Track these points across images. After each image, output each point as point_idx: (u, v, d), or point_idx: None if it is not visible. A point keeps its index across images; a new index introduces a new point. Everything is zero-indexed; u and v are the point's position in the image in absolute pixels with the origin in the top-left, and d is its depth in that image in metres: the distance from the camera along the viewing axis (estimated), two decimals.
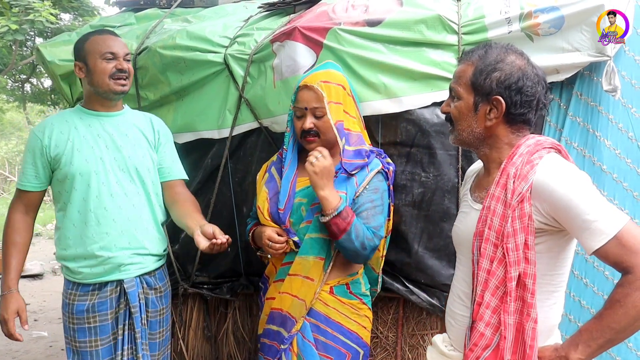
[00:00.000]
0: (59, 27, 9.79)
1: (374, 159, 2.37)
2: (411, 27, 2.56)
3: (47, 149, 2.41)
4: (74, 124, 2.46)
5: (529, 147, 1.62)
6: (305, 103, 2.29)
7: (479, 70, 1.66)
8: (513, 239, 1.56)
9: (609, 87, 2.30)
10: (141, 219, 2.48)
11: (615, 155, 2.40)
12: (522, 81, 1.63)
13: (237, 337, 3.18)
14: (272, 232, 2.31)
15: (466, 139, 1.74)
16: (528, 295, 1.55)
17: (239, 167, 2.95)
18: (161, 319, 2.56)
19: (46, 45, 3.26)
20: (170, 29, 3.16)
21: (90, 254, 2.40)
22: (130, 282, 2.43)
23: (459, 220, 1.86)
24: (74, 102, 3.27)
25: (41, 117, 18.59)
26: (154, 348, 2.54)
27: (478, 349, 1.62)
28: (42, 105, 14.99)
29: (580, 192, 1.50)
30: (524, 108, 1.65)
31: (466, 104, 1.70)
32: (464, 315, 1.76)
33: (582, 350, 1.50)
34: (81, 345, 2.43)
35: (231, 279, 3.09)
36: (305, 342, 2.28)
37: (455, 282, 1.86)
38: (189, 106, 3.01)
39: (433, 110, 2.56)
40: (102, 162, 2.42)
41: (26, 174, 2.45)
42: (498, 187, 1.62)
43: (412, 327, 2.80)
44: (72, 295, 2.44)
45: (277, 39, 2.72)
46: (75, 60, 2.46)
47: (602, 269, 2.43)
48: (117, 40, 2.46)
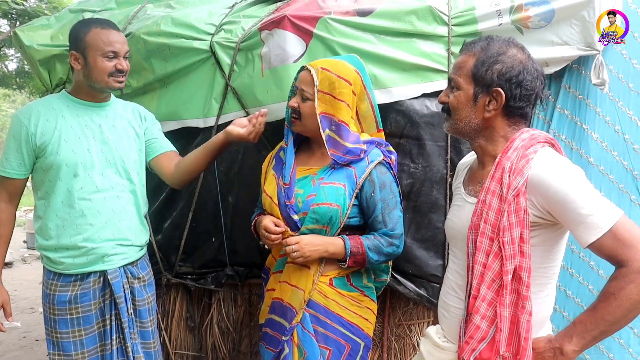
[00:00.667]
0: (25, 9, 9.54)
1: (372, 149, 2.32)
2: (402, 18, 2.56)
3: (32, 136, 2.34)
4: (61, 112, 2.40)
5: (524, 142, 1.63)
6: (298, 82, 2.28)
7: (481, 62, 1.66)
8: (509, 233, 1.58)
9: (597, 81, 2.33)
10: (125, 210, 2.45)
11: (602, 148, 2.44)
12: (522, 75, 1.64)
13: (222, 327, 3.16)
14: (269, 222, 2.28)
15: (462, 129, 1.74)
16: (523, 288, 1.57)
17: (225, 156, 2.91)
18: (149, 307, 2.55)
19: (24, 29, 3.17)
20: (153, 14, 3.10)
21: (73, 245, 2.36)
22: (114, 272, 2.41)
23: (452, 213, 1.87)
24: (52, 87, 3.19)
25: (6, 101, 18.13)
26: (147, 336, 2.52)
27: (474, 342, 1.63)
28: (7, 89, 14.62)
29: (575, 187, 1.51)
30: (522, 102, 1.66)
31: (466, 94, 1.70)
32: (458, 307, 1.78)
33: (577, 341, 1.52)
34: (63, 337, 2.40)
35: (215, 269, 3.06)
36: (305, 333, 2.27)
37: (448, 274, 1.87)
38: (173, 94, 2.96)
39: (423, 101, 2.57)
40: (89, 153, 2.38)
41: (9, 160, 2.39)
42: (493, 181, 1.63)
43: (398, 317, 2.82)
44: (52, 285, 2.40)
45: (266, 27, 2.69)
46: (72, 50, 2.38)
47: (587, 259, 2.47)
48: (120, 36, 2.39)
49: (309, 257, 2.21)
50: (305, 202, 2.25)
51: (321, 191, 2.24)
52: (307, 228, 2.26)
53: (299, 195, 2.28)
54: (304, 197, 2.27)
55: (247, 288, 3.10)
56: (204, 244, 3.06)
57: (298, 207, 2.27)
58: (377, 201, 2.26)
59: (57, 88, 3.18)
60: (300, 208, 2.26)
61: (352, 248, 2.22)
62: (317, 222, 2.24)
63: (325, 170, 2.29)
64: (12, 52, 12.04)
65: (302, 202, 2.26)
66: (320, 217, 2.23)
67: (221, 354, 3.17)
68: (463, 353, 1.65)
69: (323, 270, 2.29)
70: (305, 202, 2.25)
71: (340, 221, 2.24)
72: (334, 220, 2.23)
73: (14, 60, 12.60)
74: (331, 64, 2.28)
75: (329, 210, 2.21)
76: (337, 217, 2.23)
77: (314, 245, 2.21)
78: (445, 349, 1.82)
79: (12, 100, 18.27)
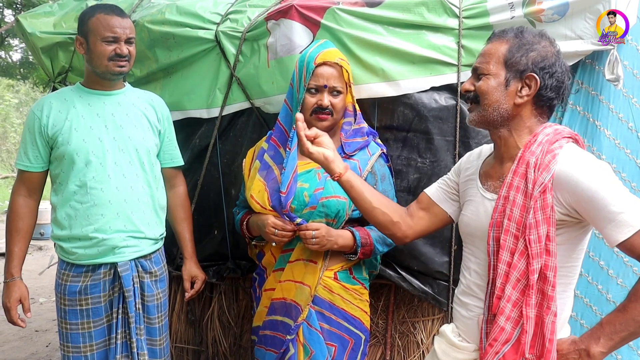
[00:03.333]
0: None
1: (371, 141, 2.36)
2: (411, 9, 2.50)
3: (45, 128, 2.34)
4: (72, 102, 2.39)
5: (548, 136, 1.61)
6: (325, 80, 2.24)
7: (516, 47, 1.65)
8: (535, 231, 1.54)
9: (611, 77, 2.27)
10: (139, 201, 2.42)
11: (615, 146, 2.38)
12: (555, 66, 1.64)
13: (223, 321, 3.12)
14: (277, 219, 2.24)
15: (490, 116, 1.68)
16: (549, 288, 1.54)
17: (228, 148, 2.88)
18: (159, 304, 2.51)
19: (26, 17, 3.13)
20: (158, 3, 3.05)
21: (84, 235, 2.35)
22: (124, 265, 2.38)
23: (468, 210, 1.81)
24: (55, 76, 3.15)
25: (10, 91, 18.11)
26: (154, 333, 2.49)
27: (498, 344, 1.60)
28: (11, 79, 14.60)
29: (605, 184, 1.49)
30: (553, 92, 1.65)
31: (496, 79, 1.67)
32: (477, 306, 1.74)
33: (604, 343, 1.49)
34: (72, 328, 2.39)
35: (217, 263, 3.03)
36: (312, 331, 2.24)
37: (465, 273, 1.82)
38: (177, 84, 2.92)
39: (431, 95, 2.51)
40: (100, 142, 2.35)
41: (27, 154, 2.39)
42: (516, 177, 1.60)
43: (402, 314, 2.77)
44: (65, 275, 2.39)
45: (272, 17, 2.63)
46: (78, 34, 2.38)
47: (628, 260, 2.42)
48: (122, 21, 2.36)
49: (324, 246, 2.19)
50: (313, 196, 2.22)
51: (328, 184, 2.21)
52: (314, 222, 2.22)
53: (305, 190, 2.24)
54: (310, 191, 2.23)
55: (248, 282, 3.05)
56: (205, 237, 3.01)
57: (305, 201, 2.23)
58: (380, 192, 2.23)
59: (59, 77, 3.14)
60: (308, 202, 2.23)
61: (362, 240, 2.22)
62: (326, 215, 2.22)
63: None
64: (17, 43, 12.02)
65: (310, 196, 2.23)
66: (329, 211, 2.21)
67: (222, 348, 3.13)
68: (487, 356, 1.61)
69: (328, 265, 2.27)
70: (312, 196, 2.22)
71: (346, 213, 2.22)
72: (342, 213, 2.22)
73: (18, 51, 12.59)
74: (339, 53, 2.31)
75: (338, 203, 2.20)
76: (344, 209, 2.22)
77: (330, 236, 2.20)
78: (461, 348, 1.79)
79: (15, 90, 18.24)
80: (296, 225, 2.22)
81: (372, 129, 2.47)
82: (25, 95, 17.24)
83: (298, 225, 2.21)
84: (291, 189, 2.22)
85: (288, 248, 2.33)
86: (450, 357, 1.81)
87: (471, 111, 1.74)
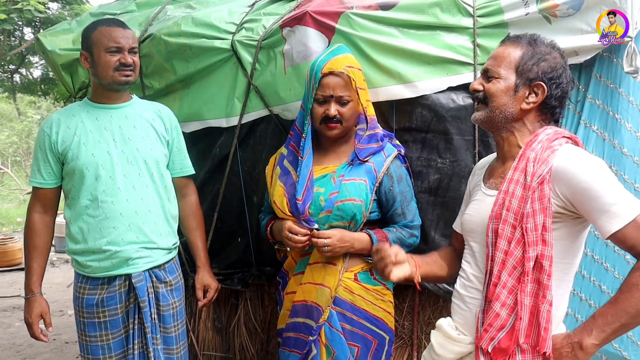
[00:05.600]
0: (48, 17, 9.67)
1: (387, 143, 2.36)
2: (425, 10, 2.51)
3: (55, 144, 2.38)
4: (80, 118, 2.42)
5: (548, 135, 1.67)
6: (331, 90, 2.25)
7: (530, 56, 1.72)
8: (532, 219, 1.59)
9: (630, 69, 2.25)
10: (150, 212, 2.44)
11: (636, 138, 2.36)
12: (562, 77, 1.72)
13: (249, 328, 3.15)
14: (293, 224, 2.27)
15: (495, 117, 1.75)
16: (544, 277, 1.58)
17: (249, 155, 2.90)
18: (174, 313, 2.53)
19: (46, 35, 3.19)
20: (173, 15, 3.09)
21: (98, 249, 2.38)
22: (138, 276, 2.41)
23: (472, 208, 1.86)
24: (75, 91, 3.21)
25: (32, 108, 18.40)
26: (170, 342, 2.51)
27: (493, 330, 1.64)
28: (32, 96, 14.84)
29: (600, 177, 1.54)
30: (557, 101, 1.73)
31: (506, 83, 1.73)
32: (474, 298, 1.77)
33: (597, 335, 1.51)
34: (91, 340, 2.42)
35: (242, 270, 3.05)
36: (334, 332, 2.25)
37: (464, 266, 1.86)
38: (195, 94, 2.95)
39: (449, 95, 2.51)
40: (109, 155, 2.38)
41: (40, 171, 2.43)
42: (517, 172, 1.66)
43: (428, 315, 2.77)
44: (81, 288, 2.43)
45: (287, 24, 2.66)
46: (82, 49, 2.42)
47: (622, 253, 2.40)
48: (124, 32, 2.39)
49: (338, 252, 2.23)
50: (329, 200, 2.24)
51: (343, 188, 2.23)
52: (331, 225, 2.24)
53: (321, 194, 2.27)
54: (326, 196, 2.25)
55: (274, 288, 3.06)
56: (229, 245, 3.04)
57: (321, 205, 2.26)
58: (396, 194, 2.29)
59: (80, 92, 3.19)
60: (324, 206, 2.25)
61: (379, 242, 2.21)
62: (342, 219, 2.24)
63: (344, 167, 2.30)
64: (37, 60, 12.22)
65: (325, 200, 2.25)
66: (345, 214, 2.22)
67: (249, 355, 3.16)
68: (481, 341, 1.65)
69: (347, 266, 2.29)
70: (328, 200, 2.24)
71: (363, 216, 2.24)
72: (358, 215, 2.24)
73: (39, 68, 12.80)
74: (348, 60, 2.31)
75: (353, 206, 2.22)
76: (360, 212, 2.23)
77: (344, 241, 2.23)
78: (458, 340, 1.81)
79: (37, 106, 18.52)
80: (312, 231, 2.24)
81: (388, 132, 2.48)
82: (46, 111, 17.50)
83: (316, 230, 2.24)
84: (307, 195, 2.25)
85: (307, 252, 2.36)
86: (446, 349, 1.82)
87: (478, 110, 1.80)
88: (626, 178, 2.35)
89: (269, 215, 2.53)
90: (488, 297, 1.66)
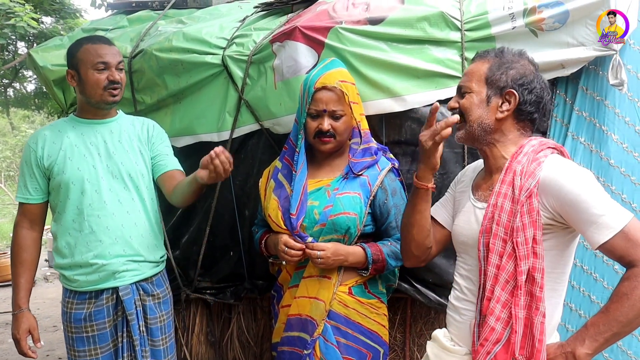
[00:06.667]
0: (41, 31, 9.67)
1: (381, 156, 2.37)
2: (414, 25, 2.54)
3: (40, 159, 2.39)
4: (66, 133, 2.43)
5: (534, 147, 1.69)
6: (324, 105, 2.27)
7: (496, 66, 1.75)
8: (522, 233, 1.60)
9: (615, 81, 2.28)
10: (136, 225, 2.45)
11: (623, 150, 2.39)
12: (534, 83, 1.74)
13: (242, 341, 3.14)
14: (289, 238, 2.28)
15: (475, 131, 1.76)
16: (537, 289, 1.59)
17: (241, 169, 2.91)
18: (162, 326, 2.52)
19: (38, 50, 3.20)
20: (165, 31, 3.11)
21: (84, 262, 2.38)
22: (125, 289, 2.40)
23: (461, 220, 1.87)
24: (67, 107, 3.21)
25: (25, 122, 18.36)
26: (158, 355, 2.50)
27: (489, 344, 1.65)
28: (26, 110, 14.79)
29: (587, 188, 1.56)
30: (532, 107, 1.74)
31: (478, 96, 1.76)
32: (468, 310, 1.79)
33: (589, 344, 1.52)
34: (80, 355, 2.42)
35: (234, 283, 3.05)
36: (328, 345, 2.26)
37: (457, 278, 1.87)
38: (187, 109, 2.96)
39: None
40: (94, 169, 2.39)
41: (27, 186, 2.43)
42: (504, 185, 1.67)
43: (420, 327, 2.79)
44: (69, 303, 2.42)
45: (277, 39, 2.68)
46: (68, 68, 2.42)
47: (610, 263, 2.42)
48: (110, 48, 2.40)
49: (332, 265, 2.23)
50: (323, 213, 2.25)
51: (338, 202, 2.24)
52: (324, 239, 2.25)
53: (315, 207, 2.28)
54: (320, 209, 2.26)
55: (266, 301, 3.07)
56: (222, 258, 3.05)
57: (315, 218, 2.26)
58: (391, 207, 2.30)
59: (72, 107, 3.20)
60: (318, 220, 2.26)
61: (373, 256, 2.24)
62: (336, 232, 2.24)
63: (339, 181, 2.31)
64: (30, 74, 12.20)
65: (319, 213, 2.26)
66: (339, 227, 2.23)
67: None
68: (478, 356, 1.66)
69: (342, 280, 2.29)
70: (322, 213, 2.25)
71: (357, 229, 2.24)
72: (352, 229, 2.24)
73: (32, 82, 12.78)
74: (341, 75, 2.32)
75: (347, 219, 2.22)
76: (354, 225, 2.23)
77: (338, 254, 2.24)
78: (453, 352, 1.82)
79: (31, 121, 18.49)
80: (306, 244, 2.25)
81: (382, 145, 2.49)
82: (40, 125, 17.47)
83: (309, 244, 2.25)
84: (301, 209, 2.25)
85: (302, 265, 2.36)
86: None
87: (459, 129, 1.82)
88: (613, 189, 2.37)
89: (262, 228, 2.54)
90: (482, 312, 1.67)
